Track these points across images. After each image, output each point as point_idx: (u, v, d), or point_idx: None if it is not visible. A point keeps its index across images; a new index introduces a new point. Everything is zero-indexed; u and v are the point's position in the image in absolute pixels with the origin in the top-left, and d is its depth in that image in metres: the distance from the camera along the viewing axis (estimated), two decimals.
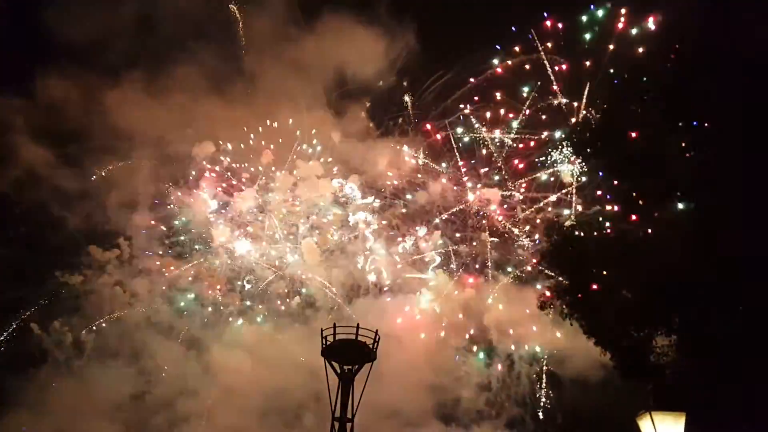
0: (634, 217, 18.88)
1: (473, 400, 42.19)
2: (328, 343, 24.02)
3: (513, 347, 42.59)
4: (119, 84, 41.63)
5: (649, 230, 18.36)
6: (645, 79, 18.93)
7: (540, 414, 41.25)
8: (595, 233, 20.61)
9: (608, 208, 30.63)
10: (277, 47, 44.02)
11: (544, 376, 41.70)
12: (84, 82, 40.71)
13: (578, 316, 19.59)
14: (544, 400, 41.51)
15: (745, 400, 16.38)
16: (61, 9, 38.78)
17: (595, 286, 19.07)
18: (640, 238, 18.25)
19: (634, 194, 18.51)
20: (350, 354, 23.78)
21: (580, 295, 19.17)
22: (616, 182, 20.25)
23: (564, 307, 20.02)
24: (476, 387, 42.55)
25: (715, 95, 16.13)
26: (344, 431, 22.72)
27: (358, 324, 24.03)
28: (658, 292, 16.74)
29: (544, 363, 42.06)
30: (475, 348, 43.33)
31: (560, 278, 20.51)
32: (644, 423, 14.95)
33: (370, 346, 24.16)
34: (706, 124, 17.02)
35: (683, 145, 17.48)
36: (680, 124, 17.21)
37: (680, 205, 17.36)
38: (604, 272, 18.98)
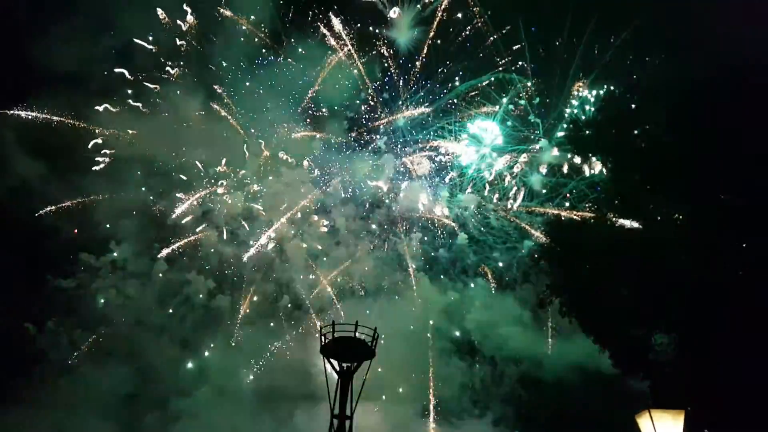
0: (634, 216, 18.98)
1: (458, 400, 43.16)
2: (327, 340, 23.89)
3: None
4: (105, 103, 43.17)
5: (650, 228, 18.45)
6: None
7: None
8: (595, 231, 20.69)
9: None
10: (253, 70, 45.91)
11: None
12: (73, 101, 42.54)
13: (577, 313, 19.69)
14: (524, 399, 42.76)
15: (744, 398, 16.49)
16: (47, 39, 40.96)
17: (594, 284, 19.13)
18: (640, 236, 18.32)
19: (635, 192, 18.58)
20: (349, 351, 23.45)
21: (579, 293, 19.22)
22: (616, 180, 20.33)
23: (563, 304, 20.15)
24: (460, 387, 43.61)
25: None
26: (343, 429, 22.63)
27: (356, 321, 23.83)
28: (658, 290, 16.83)
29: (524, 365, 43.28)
30: (457, 349, 44.56)
31: (559, 276, 20.60)
32: (643, 421, 14.93)
33: (369, 343, 24.10)
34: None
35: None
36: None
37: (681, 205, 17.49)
38: (604, 270, 19.03)
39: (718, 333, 16.17)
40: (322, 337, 24.08)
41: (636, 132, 18.18)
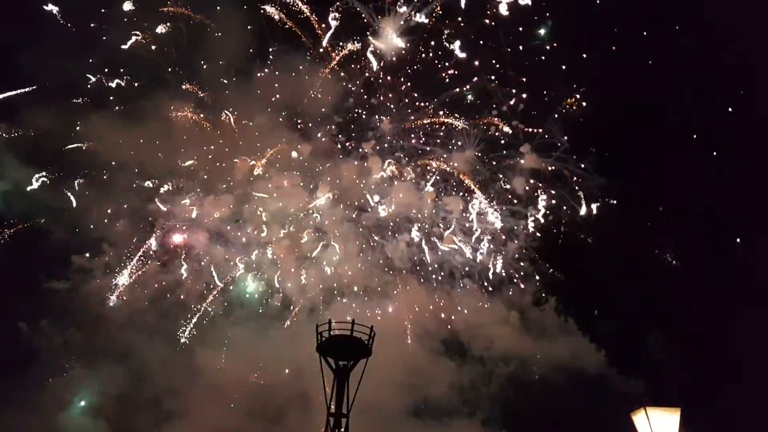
0: (629, 216, 19.09)
1: (447, 399, 43.50)
2: (324, 339, 23.93)
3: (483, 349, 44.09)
4: (96, 113, 44.03)
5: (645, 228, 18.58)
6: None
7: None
8: (592, 230, 20.81)
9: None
10: (240, 80, 46.16)
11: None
12: (64, 111, 43.09)
13: (573, 312, 19.81)
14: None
15: (740, 395, 16.60)
16: (37, 53, 41.60)
17: (590, 283, 19.23)
18: (637, 236, 18.45)
19: (631, 192, 18.68)
20: (346, 350, 23.65)
21: (575, 292, 19.32)
22: (612, 179, 20.46)
23: (558, 303, 20.28)
24: (450, 387, 43.84)
25: None
26: (339, 427, 22.69)
27: (353, 320, 23.97)
28: (654, 290, 16.95)
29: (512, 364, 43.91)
30: (446, 350, 44.93)
31: (555, 275, 20.70)
32: (639, 418, 14.96)
33: (365, 342, 24.20)
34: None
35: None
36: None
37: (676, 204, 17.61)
38: (600, 269, 19.13)
39: (715, 332, 16.31)
40: (319, 336, 24.15)
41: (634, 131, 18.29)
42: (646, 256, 17.43)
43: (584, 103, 39.91)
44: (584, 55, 39.97)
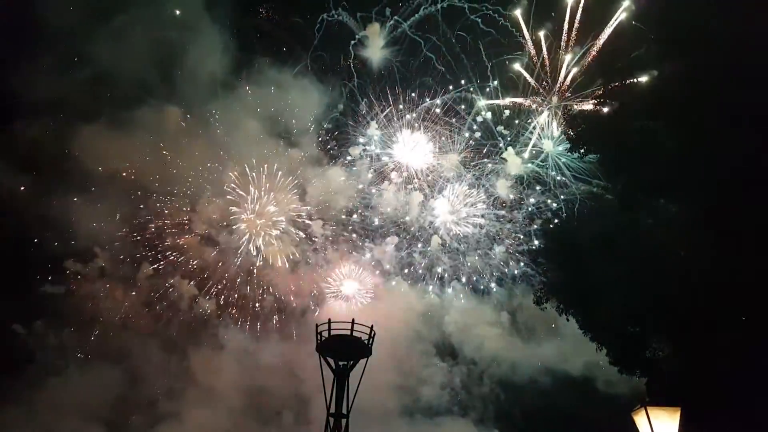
0: (629, 214, 19.02)
1: (438, 400, 43.99)
2: (323, 338, 23.83)
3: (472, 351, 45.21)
4: (89, 124, 43.67)
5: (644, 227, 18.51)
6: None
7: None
8: (592, 229, 20.73)
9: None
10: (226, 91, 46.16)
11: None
12: (56, 123, 43.31)
13: (574, 311, 19.77)
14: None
15: (740, 395, 16.50)
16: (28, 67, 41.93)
17: (591, 282, 19.15)
18: (635, 234, 18.37)
19: (629, 189, 18.60)
20: (346, 349, 23.54)
21: (576, 291, 19.27)
22: (610, 176, 20.41)
23: (559, 302, 20.24)
24: (442, 387, 44.50)
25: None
26: (339, 427, 22.59)
27: (353, 320, 23.81)
28: (654, 288, 16.87)
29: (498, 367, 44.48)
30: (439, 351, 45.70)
31: (556, 274, 20.67)
32: (639, 418, 14.87)
33: (365, 341, 24.13)
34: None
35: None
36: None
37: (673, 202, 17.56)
38: (601, 268, 19.05)
39: (714, 330, 16.23)
40: (319, 335, 24.05)
41: (633, 129, 18.24)
42: (646, 256, 17.39)
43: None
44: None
